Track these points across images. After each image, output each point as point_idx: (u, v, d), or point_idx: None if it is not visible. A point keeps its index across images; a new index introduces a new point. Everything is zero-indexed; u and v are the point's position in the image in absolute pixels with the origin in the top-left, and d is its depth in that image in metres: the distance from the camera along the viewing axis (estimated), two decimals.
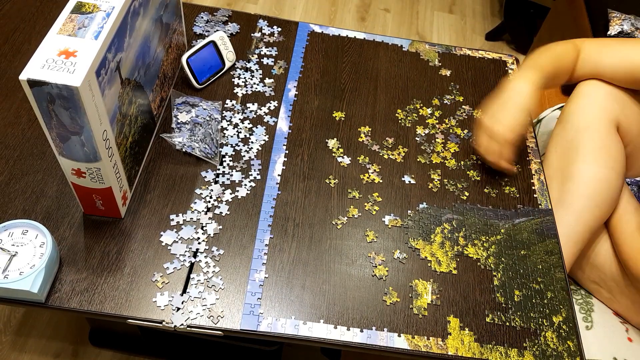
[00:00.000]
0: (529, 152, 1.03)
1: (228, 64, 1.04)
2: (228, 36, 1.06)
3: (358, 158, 0.96)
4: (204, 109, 0.95)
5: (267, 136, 0.96)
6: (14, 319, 1.28)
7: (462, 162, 0.99)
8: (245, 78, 1.05)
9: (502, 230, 0.90)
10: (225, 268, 0.80)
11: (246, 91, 1.03)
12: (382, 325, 0.77)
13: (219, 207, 0.86)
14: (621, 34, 1.43)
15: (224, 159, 0.92)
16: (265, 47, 1.10)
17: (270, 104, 1.01)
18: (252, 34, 1.12)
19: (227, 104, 1.00)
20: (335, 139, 0.98)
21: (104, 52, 0.65)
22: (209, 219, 0.84)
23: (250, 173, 0.91)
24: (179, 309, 0.75)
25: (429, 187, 0.94)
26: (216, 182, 0.89)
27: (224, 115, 0.98)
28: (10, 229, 0.75)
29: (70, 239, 0.79)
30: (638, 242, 0.95)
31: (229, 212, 0.86)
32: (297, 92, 1.04)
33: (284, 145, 0.96)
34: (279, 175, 0.92)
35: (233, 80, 1.04)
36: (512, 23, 2.21)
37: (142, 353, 1.24)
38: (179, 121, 0.93)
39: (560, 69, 1.01)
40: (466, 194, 0.94)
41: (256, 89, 1.03)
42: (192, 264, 0.80)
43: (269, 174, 0.91)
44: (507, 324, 0.80)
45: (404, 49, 1.16)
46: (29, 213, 0.81)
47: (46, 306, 0.73)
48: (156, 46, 0.87)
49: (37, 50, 0.62)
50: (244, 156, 0.93)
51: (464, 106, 1.07)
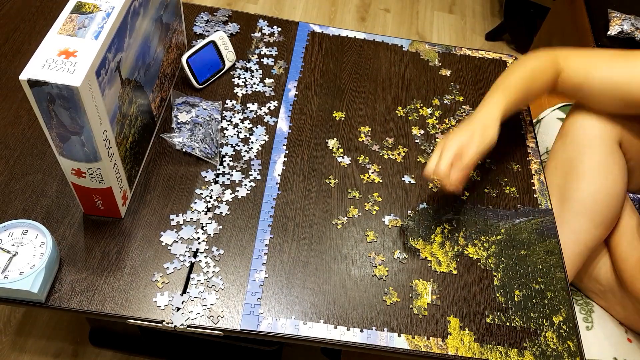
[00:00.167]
0: (529, 152, 1.02)
1: (228, 64, 1.04)
2: (228, 36, 1.06)
3: (358, 158, 0.96)
4: (204, 109, 0.95)
5: (267, 136, 0.96)
6: (14, 319, 1.28)
7: None
8: (245, 78, 1.05)
9: (502, 230, 0.90)
10: (225, 268, 0.80)
11: (246, 91, 1.03)
12: (382, 325, 0.77)
13: (219, 207, 0.86)
14: (621, 34, 1.43)
15: (224, 159, 0.92)
16: (265, 47, 1.10)
17: (270, 104, 1.01)
18: (252, 34, 1.12)
19: (227, 104, 0.99)
20: (335, 139, 0.98)
21: (104, 52, 0.65)
22: (209, 219, 0.84)
23: (250, 173, 0.91)
24: (179, 309, 0.75)
25: (429, 187, 0.94)
26: (216, 182, 0.89)
27: (224, 115, 0.98)
28: (10, 229, 0.75)
29: (70, 239, 0.79)
30: None
31: (229, 212, 0.86)
32: (297, 92, 1.04)
33: (284, 145, 0.96)
34: (279, 175, 0.92)
35: (233, 80, 1.04)
36: (512, 23, 2.21)
37: (142, 353, 1.24)
38: (179, 121, 0.93)
39: (530, 90, 0.93)
40: (466, 194, 0.94)
41: (256, 89, 1.03)
42: (192, 264, 0.79)
43: (269, 174, 0.91)
44: (507, 324, 0.80)
45: (404, 49, 1.16)
46: (29, 213, 0.81)
47: (46, 306, 0.73)
48: (156, 46, 0.87)
49: (37, 50, 0.62)
50: (244, 156, 0.93)
51: (464, 106, 1.07)
